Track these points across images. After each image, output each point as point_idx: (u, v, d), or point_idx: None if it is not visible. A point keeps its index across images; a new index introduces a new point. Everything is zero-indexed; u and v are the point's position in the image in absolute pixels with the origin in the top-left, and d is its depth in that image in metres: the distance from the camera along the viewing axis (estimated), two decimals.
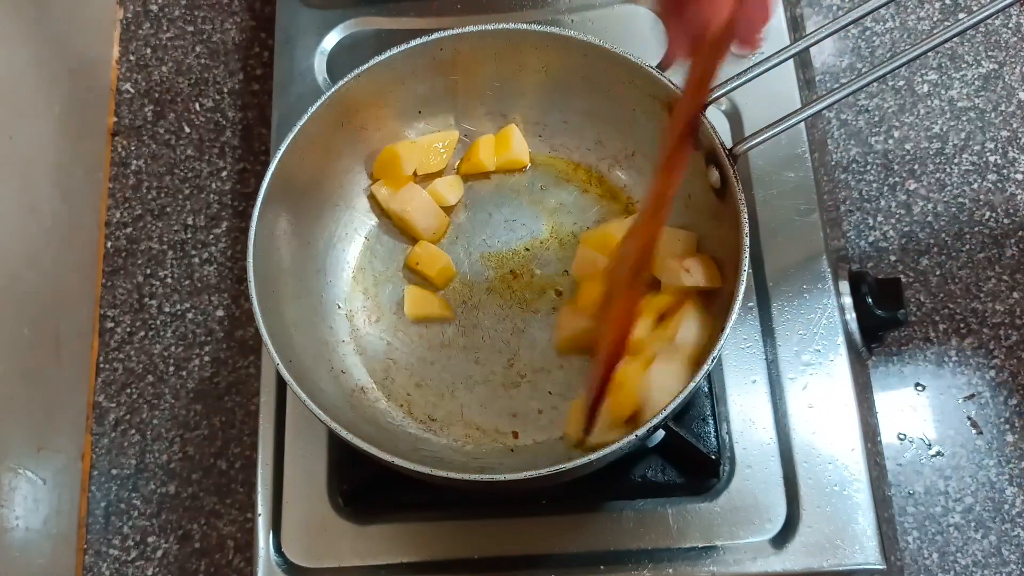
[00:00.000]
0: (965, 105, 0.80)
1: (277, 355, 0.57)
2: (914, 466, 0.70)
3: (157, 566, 0.72)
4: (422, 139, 0.70)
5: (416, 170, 0.69)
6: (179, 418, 0.75)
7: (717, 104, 0.62)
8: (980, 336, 0.73)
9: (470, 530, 0.64)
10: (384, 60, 0.64)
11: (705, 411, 0.65)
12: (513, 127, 0.70)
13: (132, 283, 0.79)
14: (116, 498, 0.73)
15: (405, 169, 0.68)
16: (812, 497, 0.62)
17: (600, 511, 0.64)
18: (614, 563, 0.62)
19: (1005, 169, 0.78)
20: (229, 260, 0.79)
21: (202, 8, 0.88)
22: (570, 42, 0.63)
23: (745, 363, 0.66)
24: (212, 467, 0.74)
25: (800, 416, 0.64)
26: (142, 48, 0.87)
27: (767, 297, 0.68)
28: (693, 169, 0.63)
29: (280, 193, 0.62)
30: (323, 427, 0.59)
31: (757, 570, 0.61)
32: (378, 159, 0.69)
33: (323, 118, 0.64)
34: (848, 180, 0.78)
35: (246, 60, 0.86)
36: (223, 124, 0.84)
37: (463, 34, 0.64)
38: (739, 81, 0.59)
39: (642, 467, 0.64)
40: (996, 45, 0.81)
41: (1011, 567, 0.67)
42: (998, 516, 0.69)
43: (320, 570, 0.64)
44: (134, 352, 0.77)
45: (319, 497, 0.65)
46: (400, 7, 0.79)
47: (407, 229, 0.70)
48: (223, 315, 0.78)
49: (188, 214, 0.81)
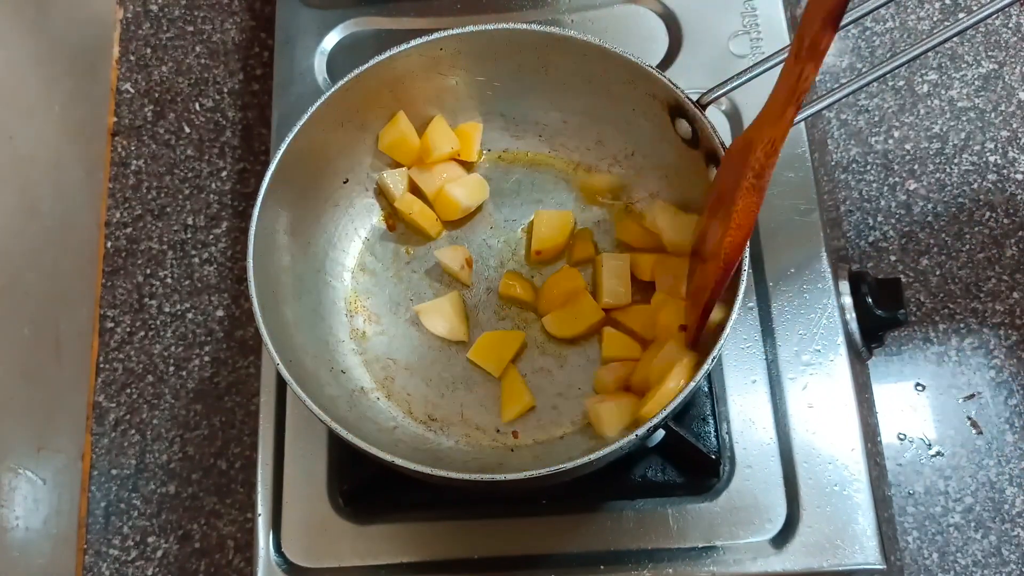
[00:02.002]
0: (965, 105, 0.80)
1: (277, 355, 0.57)
2: (914, 466, 0.70)
3: (157, 566, 0.72)
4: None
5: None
6: (179, 418, 0.75)
7: (717, 104, 0.62)
8: (980, 336, 0.73)
9: (470, 530, 0.64)
10: (384, 60, 0.64)
11: (705, 411, 0.65)
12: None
13: (132, 283, 0.79)
14: (116, 498, 0.73)
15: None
16: (812, 497, 0.62)
17: (600, 511, 0.64)
18: (614, 563, 0.62)
19: (1005, 169, 0.78)
20: (229, 260, 0.79)
21: (202, 8, 0.88)
22: (570, 42, 0.63)
23: (745, 363, 0.66)
24: (212, 467, 0.74)
25: (800, 416, 0.64)
26: (142, 48, 0.87)
27: (767, 297, 0.68)
28: (693, 170, 0.63)
29: (280, 193, 0.62)
30: (323, 427, 0.59)
31: (757, 570, 0.61)
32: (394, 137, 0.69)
33: (323, 118, 0.63)
34: (848, 180, 0.78)
35: (246, 60, 0.86)
36: (223, 124, 0.84)
37: (463, 34, 0.64)
38: (739, 81, 0.59)
39: (642, 467, 0.64)
40: (996, 45, 0.81)
41: (1011, 567, 0.67)
42: (998, 516, 0.69)
43: (320, 570, 0.64)
44: (134, 352, 0.77)
45: (319, 497, 0.65)
46: (400, 7, 0.79)
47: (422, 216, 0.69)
48: (223, 315, 0.78)
49: (188, 214, 0.81)
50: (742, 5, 0.76)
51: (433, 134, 0.68)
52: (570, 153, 0.71)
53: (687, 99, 0.60)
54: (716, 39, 0.75)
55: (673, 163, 0.65)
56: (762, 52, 0.75)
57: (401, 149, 0.68)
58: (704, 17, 0.76)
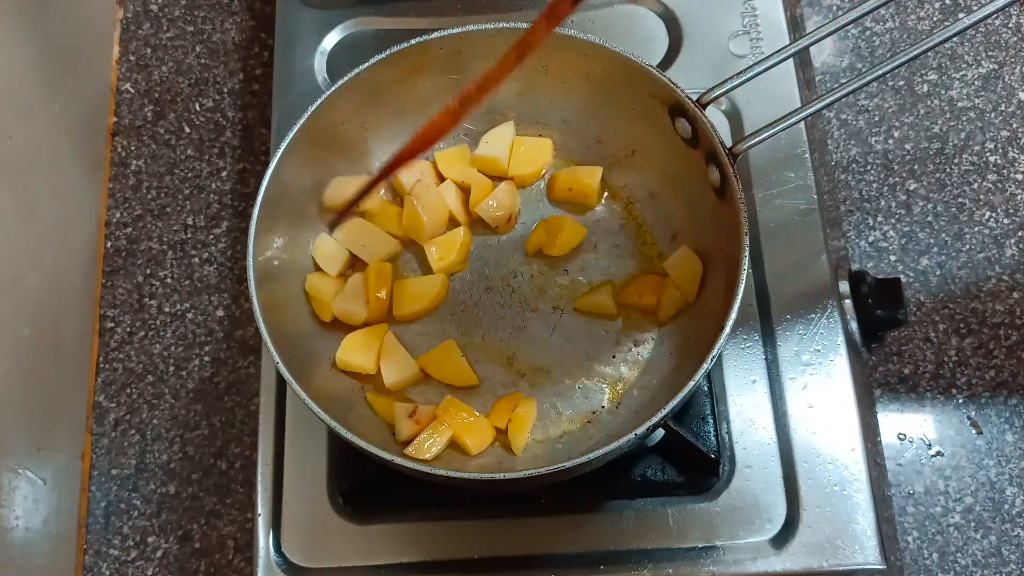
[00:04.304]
0: (965, 105, 0.80)
1: (277, 355, 0.57)
2: (914, 466, 0.70)
3: (157, 566, 0.72)
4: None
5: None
6: (179, 418, 0.75)
7: (717, 104, 0.63)
8: (980, 336, 0.73)
9: (470, 530, 0.64)
10: (384, 59, 0.64)
11: (705, 411, 0.65)
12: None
13: (132, 283, 0.79)
14: (116, 498, 0.73)
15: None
16: (812, 497, 0.62)
17: (600, 511, 0.64)
18: (614, 563, 0.62)
19: (1005, 169, 0.78)
20: (229, 260, 0.79)
21: (202, 8, 0.88)
22: (570, 42, 0.63)
23: (745, 363, 0.66)
24: (212, 467, 0.74)
25: (800, 416, 0.64)
26: (142, 48, 0.87)
27: (767, 297, 0.68)
28: (693, 169, 0.63)
29: (280, 193, 0.62)
30: (323, 427, 0.59)
31: (757, 570, 0.61)
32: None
33: (323, 118, 0.64)
34: (848, 180, 0.78)
35: (246, 60, 0.86)
36: (223, 124, 0.84)
37: (463, 33, 0.64)
38: (739, 80, 0.59)
39: (642, 467, 0.64)
40: (996, 45, 0.81)
41: (1011, 567, 0.67)
42: (998, 516, 0.69)
43: (320, 570, 0.63)
44: (134, 352, 0.77)
45: (319, 497, 0.65)
46: (400, 7, 0.79)
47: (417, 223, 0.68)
48: (223, 315, 0.78)
49: (188, 214, 0.81)
50: (742, 5, 0.76)
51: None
52: (570, 152, 0.71)
53: (687, 99, 0.60)
54: (716, 39, 0.75)
55: (673, 162, 0.65)
56: (762, 52, 0.75)
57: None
58: (704, 17, 0.76)
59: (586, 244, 0.69)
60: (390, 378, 0.64)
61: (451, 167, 0.70)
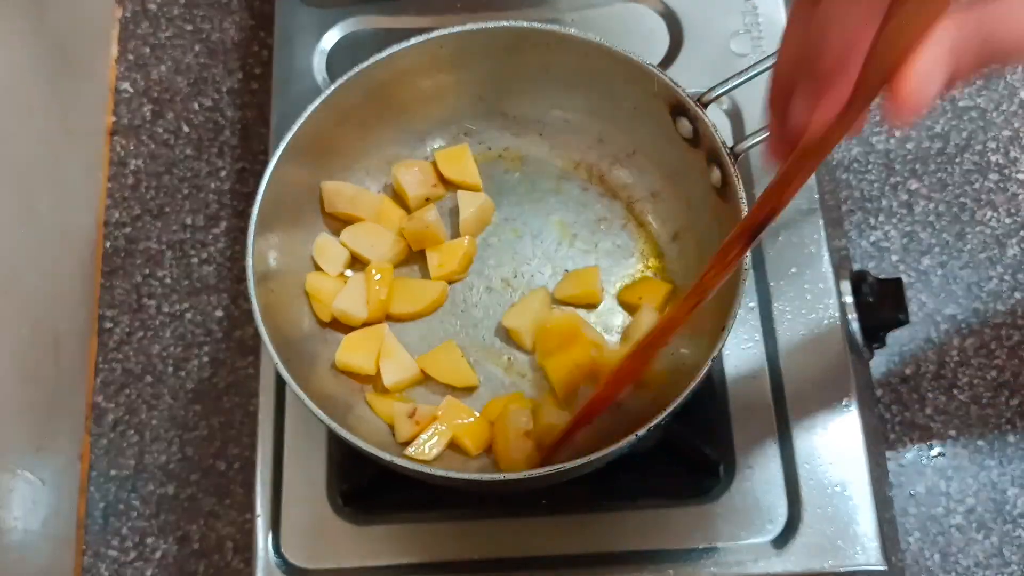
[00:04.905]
0: (967, 104, 0.79)
1: (276, 355, 0.56)
2: (915, 467, 0.70)
3: (156, 567, 0.71)
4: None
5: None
6: (178, 419, 0.75)
7: (718, 103, 0.62)
8: (982, 336, 0.73)
9: (470, 530, 0.64)
10: (384, 58, 0.64)
11: (705, 411, 0.64)
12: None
13: (131, 283, 0.79)
14: (115, 499, 0.73)
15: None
16: (813, 498, 0.62)
17: (600, 512, 0.63)
18: (614, 564, 0.62)
19: (1007, 169, 0.77)
20: (228, 260, 0.79)
21: (201, 7, 0.88)
22: (571, 40, 0.63)
23: (745, 363, 0.66)
24: (211, 468, 0.74)
25: (801, 416, 0.64)
26: (141, 47, 0.86)
27: (767, 297, 0.68)
28: (694, 169, 0.63)
29: (279, 192, 0.62)
30: (323, 427, 0.59)
31: (758, 571, 0.61)
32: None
33: (322, 117, 0.63)
34: (849, 179, 0.78)
35: (245, 59, 0.86)
36: (222, 123, 0.84)
37: (463, 32, 0.64)
38: (740, 80, 0.59)
39: (642, 468, 0.64)
40: None
41: (1013, 568, 0.67)
42: (1000, 517, 0.69)
43: (320, 571, 0.63)
44: (133, 352, 0.77)
45: (319, 497, 0.65)
46: (400, 6, 0.79)
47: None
48: (222, 315, 0.78)
49: (187, 214, 0.81)
50: (743, 4, 0.76)
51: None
52: (571, 152, 0.71)
53: (688, 98, 0.60)
54: (717, 38, 0.75)
55: (674, 162, 0.65)
56: (763, 51, 0.74)
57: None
58: (705, 16, 0.76)
59: (586, 244, 0.69)
60: (390, 379, 0.64)
61: (451, 167, 0.70)
